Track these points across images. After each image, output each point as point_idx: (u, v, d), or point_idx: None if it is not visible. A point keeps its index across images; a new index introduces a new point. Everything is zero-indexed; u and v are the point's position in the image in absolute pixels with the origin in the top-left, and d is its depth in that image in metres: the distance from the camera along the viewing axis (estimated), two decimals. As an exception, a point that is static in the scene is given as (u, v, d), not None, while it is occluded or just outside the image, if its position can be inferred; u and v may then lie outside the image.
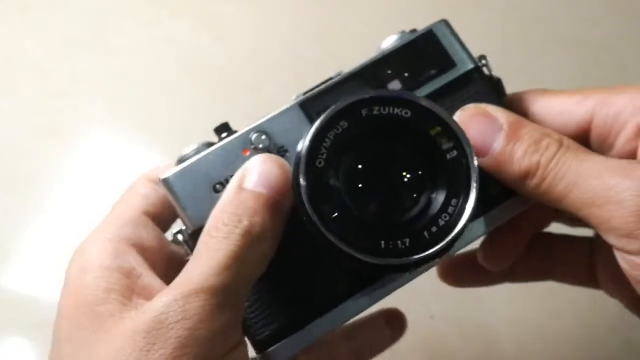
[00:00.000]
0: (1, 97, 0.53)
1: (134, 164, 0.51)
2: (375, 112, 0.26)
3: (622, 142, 0.26)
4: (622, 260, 0.24)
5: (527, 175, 0.25)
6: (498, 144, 0.26)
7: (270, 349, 0.26)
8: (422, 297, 0.45)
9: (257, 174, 0.25)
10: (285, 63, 0.54)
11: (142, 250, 0.27)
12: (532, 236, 0.34)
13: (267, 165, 0.26)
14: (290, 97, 0.55)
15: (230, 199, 0.25)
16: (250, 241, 0.24)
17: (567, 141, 0.25)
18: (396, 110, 0.26)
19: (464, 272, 0.36)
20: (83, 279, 0.25)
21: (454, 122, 0.26)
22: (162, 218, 0.29)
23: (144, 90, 0.53)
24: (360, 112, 0.26)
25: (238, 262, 0.23)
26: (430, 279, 0.39)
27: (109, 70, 0.54)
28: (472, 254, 0.35)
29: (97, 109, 0.52)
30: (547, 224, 0.36)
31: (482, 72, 0.30)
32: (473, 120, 0.27)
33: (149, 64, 0.54)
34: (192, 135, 0.51)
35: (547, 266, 0.35)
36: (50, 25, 0.55)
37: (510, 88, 0.53)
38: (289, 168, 0.26)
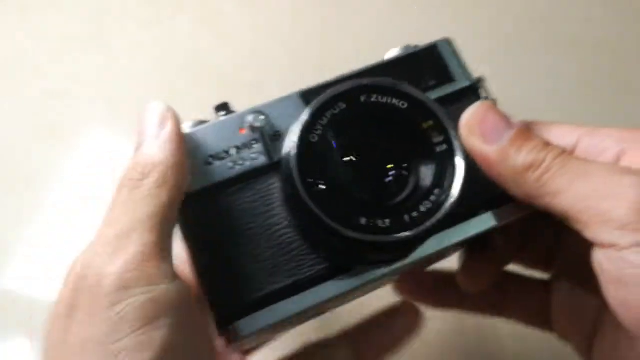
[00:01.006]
0: (1, 97, 0.53)
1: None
2: (372, 99, 0.27)
3: None
4: (608, 259, 0.24)
5: (530, 167, 0.26)
6: (508, 137, 0.27)
7: (233, 324, 0.26)
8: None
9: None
10: (285, 63, 0.54)
11: None
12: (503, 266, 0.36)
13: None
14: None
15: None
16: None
17: (566, 154, 0.27)
18: (393, 100, 0.27)
19: (423, 292, 0.37)
20: None
21: (447, 119, 0.27)
22: None
23: (144, 90, 0.53)
24: (358, 97, 0.27)
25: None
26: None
27: (109, 70, 0.54)
28: (436, 276, 0.37)
29: (97, 109, 0.52)
30: (509, 262, 0.37)
31: (478, 91, 0.31)
32: (491, 111, 0.28)
33: (149, 64, 0.54)
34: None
35: (502, 302, 0.37)
36: (50, 25, 0.55)
37: (510, 88, 0.53)
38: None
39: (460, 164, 0.27)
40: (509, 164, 0.27)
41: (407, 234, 0.25)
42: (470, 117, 0.28)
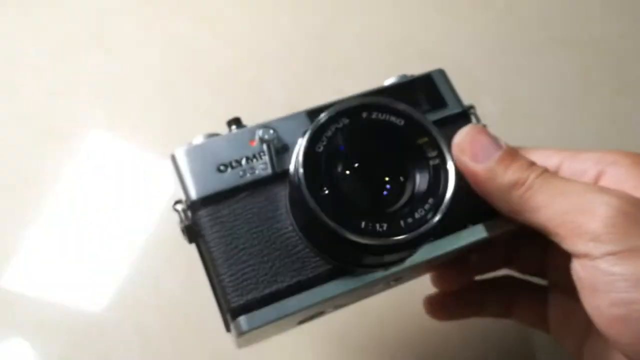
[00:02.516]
0: (1, 97, 0.53)
1: (134, 164, 0.51)
2: (373, 116, 0.30)
3: None
4: (583, 269, 0.26)
5: (514, 184, 0.29)
6: (496, 157, 0.30)
7: (239, 318, 0.29)
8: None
9: None
10: (285, 63, 0.54)
11: None
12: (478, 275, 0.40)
13: None
14: (289, 96, 0.55)
15: None
16: None
17: (548, 172, 0.29)
18: (392, 118, 0.30)
19: (444, 306, 0.41)
20: None
21: (440, 136, 0.30)
22: None
23: (144, 90, 0.53)
24: (361, 114, 0.29)
25: None
26: (425, 279, 0.40)
27: (109, 70, 0.54)
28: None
29: (97, 109, 0.52)
30: (495, 269, 0.41)
31: (469, 117, 0.34)
32: (481, 133, 0.31)
33: (149, 64, 0.54)
34: (193, 135, 0.51)
35: (508, 306, 0.40)
36: (50, 25, 0.55)
37: (510, 88, 0.53)
38: None
39: (451, 176, 0.29)
40: (496, 182, 0.29)
41: (402, 237, 0.27)
42: (461, 137, 0.30)
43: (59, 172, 0.50)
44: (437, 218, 0.28)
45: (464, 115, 0.34)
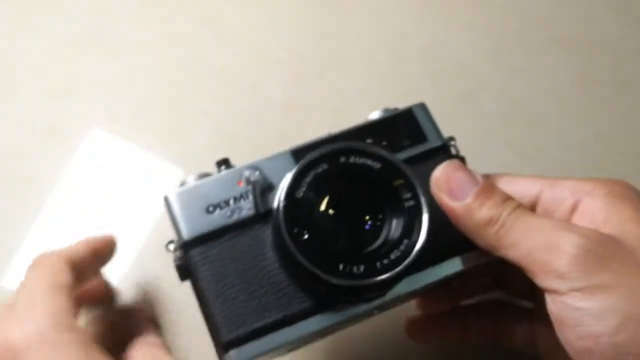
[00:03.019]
0: (1, 97, 0.53)
1: (134, 164, 0.51)
2: (351, 160, 0.32)
3: (559, 215, 0.32)
4: (553, 303, 0.29)
5: (489, 222, 0.30)
6: (472, 195, 0.31)
7: (229, 352, 0.31)
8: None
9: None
10: (285, 63, 0.54)
11: None
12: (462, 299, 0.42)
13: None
14: (289, 96, 0.55)
15: None
16: None
17: (523, 205, 0.31)
18: (369, 162, 0.32)
19: (425, 329, 0.42)
20: None
21: (415, 177, 0.32)
22: None
23: (144, 90, 0.53)
24: (339, 158, 0.31)
25: None
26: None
27: (109, 70, 0.54)
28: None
29: (97, 109, 0.52)
30: (484, 292, 0.42)
31: (449, 150, 0.35)
32: (457, 170, 0.32)
33: (149, 64, 0.54)
34: (193, 135, 0.51)
35: (495, 329, 0.41)
36: (50, 25, 0.55)
37: (510, 88, 0.53)
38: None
39: (425, 218, 0.31)
40: (472, 219, 0.31)
41: (378, 279, 0.30)
42: (438, 175, 0.32)
43: (59, 172, 0.50)
44: (411, 259, 0.30)
45: (444, 148, 0.35)
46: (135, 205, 0.49)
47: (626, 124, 0.52)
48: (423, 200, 0.31)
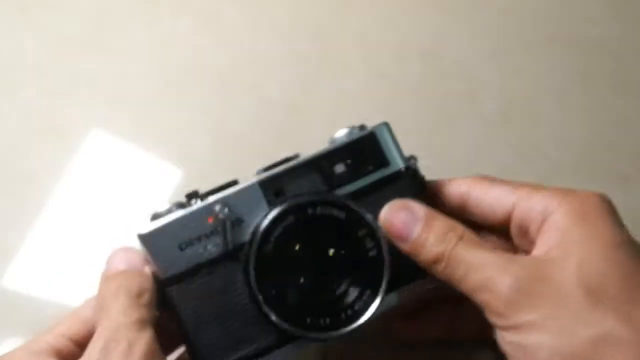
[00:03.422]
0: (1, 97, 0.53)
1: (134, 164, 0.51)
2: (317, 211, 0.33)
3: (533, 229, 0.33)
4: (498, 336, 0.31)
5: (435, 260, 0.32)
6: (416, 232, 0.33)
7: None
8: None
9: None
10: (285, 63, 0.54)
11: None
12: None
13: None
14: (289, 96, 0.55)
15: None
16: None
17: (467, 234, 0.32)
18: (334, 212, 0.33)
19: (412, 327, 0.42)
20: None
21: (377, 226, 0.33)
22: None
23: (144, 90, 0.53)
24: (306, 210, 0.33)
25: None
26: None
27: (109, 70, 0.54)
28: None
29: (97, 109, 0.52)
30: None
31: (409, 171, 0.36)
32: (399, 211, 0.33)
33: (149, 64, 0.54)
34: (193, 135, 0.51)
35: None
36: (50, 25, 0.55)
37: (510, 88, 0.53)
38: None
39: (386, 271, 0.33)
40: (421, 258, 0.32)
41: (343, 330, 0.32)
42: (383, 219, 0.33)
43: (58, 172, 0.50)
44: (373, 309, 0.32)
45: (406, 171, 0.36)
46: (134, 205, 0.49)
47: (626, 124, 0.52)
48: (385, 250, 0.33)
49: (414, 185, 0.36)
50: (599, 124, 0.52)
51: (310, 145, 0.43)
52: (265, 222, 0.33)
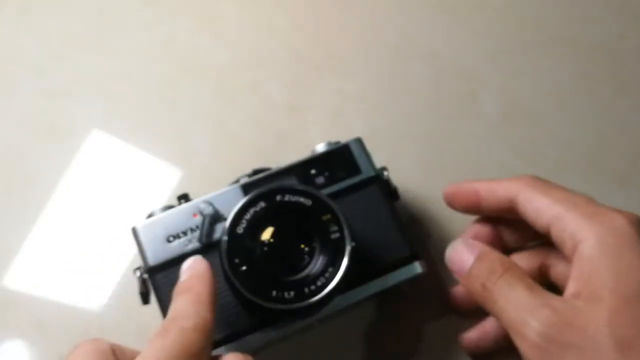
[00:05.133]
0: (1, 97, 0.53)
1: (134, 164, 0.51)
2: (286, 198, 0.36)
3: (567, 252, 0.34)
4: None
5: (483, 290, 0.35)
6: (470, 264, 0.36)
7: None
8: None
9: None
10: (285, 63, 0.54)
11: None
12: None
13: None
14: (289, 96, 0.55)
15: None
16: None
17: (507, 274, 0.34)
18: (301, 199, 0.37)
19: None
20: None
21: (340, 213, 0.37)
22: None
23: (144, 90, 0.53)
24: (275, 197, 0.36)
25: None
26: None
27: (109, 70, 0.54)
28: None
29: (96, 109, 0.53)
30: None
31: (380, 179, 0.41)
32: (459, 244, 0.38)
33: (149, 64, 0.54)
34: (192, 135, 0.51)
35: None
36: (50, 25, 0.55)
37: (510, 88, 0.53)
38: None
39: (348, 249, 0.36)
40: (471, 287, 0.36)
41: (305, 303, 0.35)
42: (448, 253, 0.38)
43: (59, 172, 0.50)
44: (333, 285, 0.35)
45: (377, 178, 0.41)
46: (134, 205, 0.49)
47: (626, 124, 0.52)
48: (346, 232, 0.36)
49: (383, 191, 0.41)
50: (599, 124, 0.52)
51: (311, 145, 0.44)
52: (238, 205, 0.36)
